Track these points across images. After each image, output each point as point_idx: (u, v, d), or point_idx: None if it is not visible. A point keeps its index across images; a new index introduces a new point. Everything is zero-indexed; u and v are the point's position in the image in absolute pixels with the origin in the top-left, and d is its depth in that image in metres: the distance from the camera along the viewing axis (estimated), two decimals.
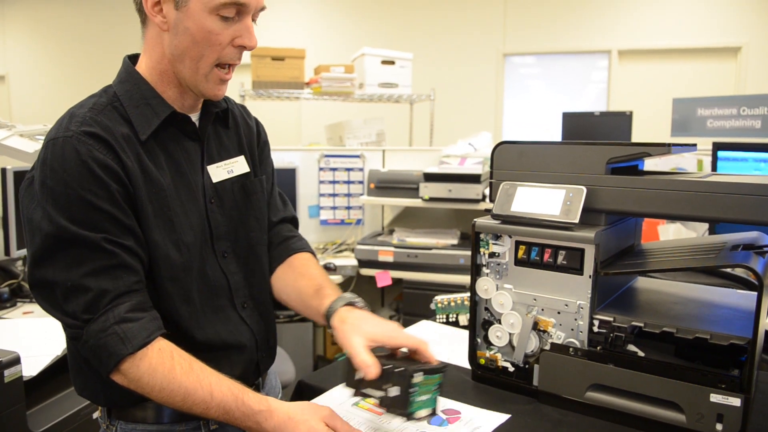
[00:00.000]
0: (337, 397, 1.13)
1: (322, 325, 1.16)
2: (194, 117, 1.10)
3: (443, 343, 1.47)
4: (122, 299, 0.93)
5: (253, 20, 1.02)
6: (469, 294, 1.54)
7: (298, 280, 1.19)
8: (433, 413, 0.94)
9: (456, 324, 1.59)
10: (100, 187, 0.93)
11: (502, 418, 1.04)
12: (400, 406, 0.91)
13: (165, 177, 1.02)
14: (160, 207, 1.01)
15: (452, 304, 1.59)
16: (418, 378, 0.91)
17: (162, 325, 0.97)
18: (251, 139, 1.21)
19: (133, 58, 1.10)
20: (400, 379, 0.90)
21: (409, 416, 0.91)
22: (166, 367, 0.92)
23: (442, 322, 1.61)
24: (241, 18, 0.99)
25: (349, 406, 1.08)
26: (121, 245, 0.94)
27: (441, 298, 1.62)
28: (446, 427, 1.00)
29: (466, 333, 1.24)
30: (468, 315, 1.47)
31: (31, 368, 1.54)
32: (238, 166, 1.15)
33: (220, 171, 1.11)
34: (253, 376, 1.16)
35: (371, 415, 1.05)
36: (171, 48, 1.00)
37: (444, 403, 1.09)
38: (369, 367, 0.91)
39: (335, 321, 1.05)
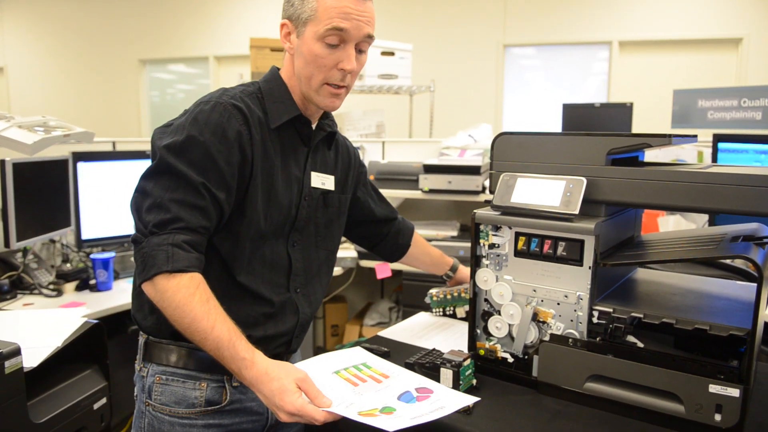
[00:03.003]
0: (322, 363, 1.16)
1: (440, 275, 1.67)
2: None
3: (441, 333, 1.47)
4: (187, 232, 1.09)
5: (362, 50, 1.22)
6: (465, 285, 1.53)
7: (428, 249, 1.67)
8: (474, 386, 1.16)
9: (453, 316, 1.59)
10: (225, 146, 1.13)
11: (470, 399, 1.05)
12: (454, 387, 1.12)
13: (277, 160, 1.23)
14: (267, 180, 1.21)
15: (448, 296, 1.59)
16: (466, 362, 1.13)
17: (202, 267, 1.11)
18: (347, 166, 1.44)
19: (278, 69, 1.32)
20: (454, 368, 1.12)
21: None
22: (189, 291, 1.05)
23: (439, 316, 1.60)
24: (344, 46, 1.18)
25: (330, 373, 1.12)
26: (213, 195, 1.12)
27: (435, 291, 1.61)
28: (413, 404, 1.02)
29: (464, 323, 1.24)
30: (466, 307, 1.46)
31: (31, 359, 1.54)
32: (329, 183, 1.36)
33: (317, 179, 1.33)
34: (282, 347, 1.29)
35: (347, 384, 1.08)
36: (295, 68, 1.24)
37: (420, 381, 1.12)
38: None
39: (459, 271, 1.65)
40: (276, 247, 1.25)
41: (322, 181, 1.34)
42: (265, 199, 1.21)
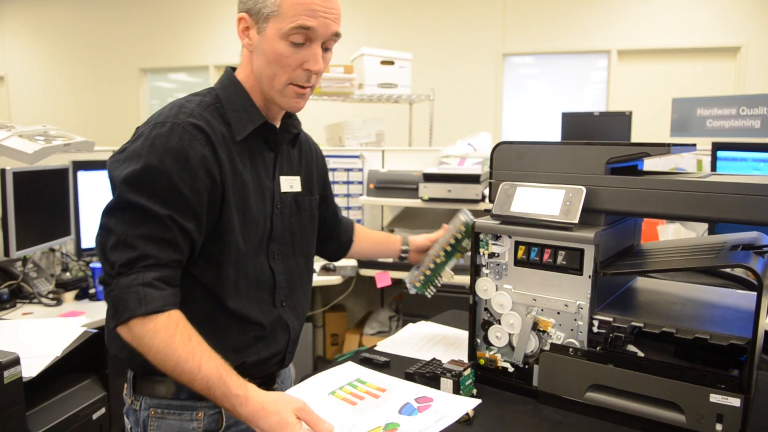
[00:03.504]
0: (316, 386, 1.14)
1: (395, 257, 1.58)
2: None
3: (442, 343, 1.47)
4: (157, 268, 1.02)
5: (328, 48, 1.14)
6: (432, 251, 1.46)
7: (370, 236, 1.62)
8: (474, 396, 1.13)
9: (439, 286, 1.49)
10: (189, 173, 1.05)
11: (472, 403, 1.05)
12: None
13: (247, 174, 1.16)
14: (240, 199, 1.14)
15: (427, 273, 1.47)
16: (466, 372, 1.12)
17: (178, 303, 1.05)
18: (311, 164, 1.37)
19: (234, 69, 1.24)
20: (454, 377, 1.11)
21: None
22: (168, 332, 1.00)
23: (433, 294, 1.49)
24: (310, 45, 1.10)
25: (326, 395, 1.10)
26: (181, 226, 1.05)
27: (413, 277, 1.49)
28: (416, 416, 1.01)
29: (465, 334, 1.24)
30: (449, 266, 1.45)
31: (30, 369, 1.54)
32: (296, 184, 1.29)
33: (286, 183, 1.26)
34: (276, 366, 1.26)
35: (345, 404, 1.06)
36: (254, 66, 1.15)
37: (418, 390, 1.12)
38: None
39: (411, 243, 1.55)
40: (257, 264, 1.19)
41: (290, 184, 1.27)
42: (241, 219, 1.14)
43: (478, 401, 1.05)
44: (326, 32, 1.10)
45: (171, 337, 0.99)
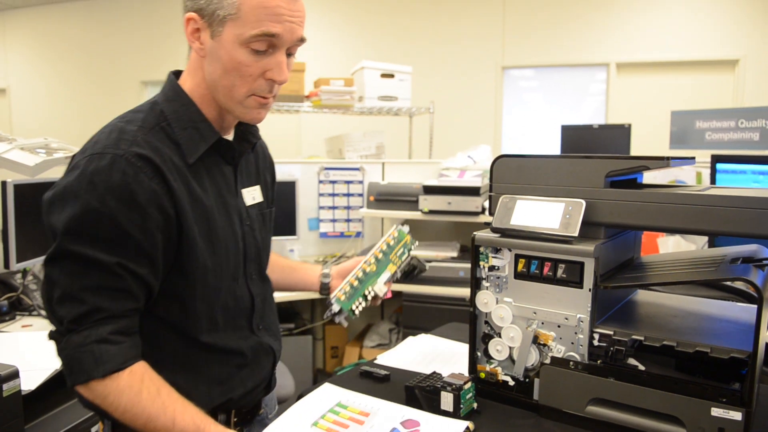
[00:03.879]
0: (297, 417, 1.11)
1: (313, 286, 1.41)
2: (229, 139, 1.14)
3: (442, 356, 1.47)
4: (111, 321, 0.93)
5: (291, 53, 1.03)
6: (361, 263, 1.36)
7: (279, 263, 1.40)
8: (474, 410, 1.11)
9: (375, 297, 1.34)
10: (137, 213, 0.93)
11: (461, 426, 1.04)
12: (454, 413, 1.08)
13: (208, 199, 1.04)
14: (206, 228, 1.03)
15: (354, 284, 1.29)
16: (467, 386, 1.10)
17: (140, 353, 0.97)
18: (266, 173, 1.26)
19: (177, 74, 1.11)
20: (455, 391, 1.09)
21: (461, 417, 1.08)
22: (133, 390, 0.92)
23: (361, 311, 1.30)
24: (274, 52, 0.99)
25: (308, 426, 1.07)
26: (133, 272, 0.94)
27: (338, 292, 1.28)
28: None
29: (465, 347, 1.23)
30: (382, 278, 1.33)
31: (29, 382, 1.53)
32: (258, 194, 1.19)
33: (248, 196, 1.15)
34: (263, 392, 1.20)
35: None
36: (207, 73, 1.02)
37: (405, 412, 1.10)
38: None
39: (333, 268, 1.40)
40: (235, 290, 1.10)
41: (252, 195, 1.16)
42: (210, 249, 1.03)
43: (467, 424, 1.04)
44: (292, 38, 0.99)
45: (137, 395, 0.92)
